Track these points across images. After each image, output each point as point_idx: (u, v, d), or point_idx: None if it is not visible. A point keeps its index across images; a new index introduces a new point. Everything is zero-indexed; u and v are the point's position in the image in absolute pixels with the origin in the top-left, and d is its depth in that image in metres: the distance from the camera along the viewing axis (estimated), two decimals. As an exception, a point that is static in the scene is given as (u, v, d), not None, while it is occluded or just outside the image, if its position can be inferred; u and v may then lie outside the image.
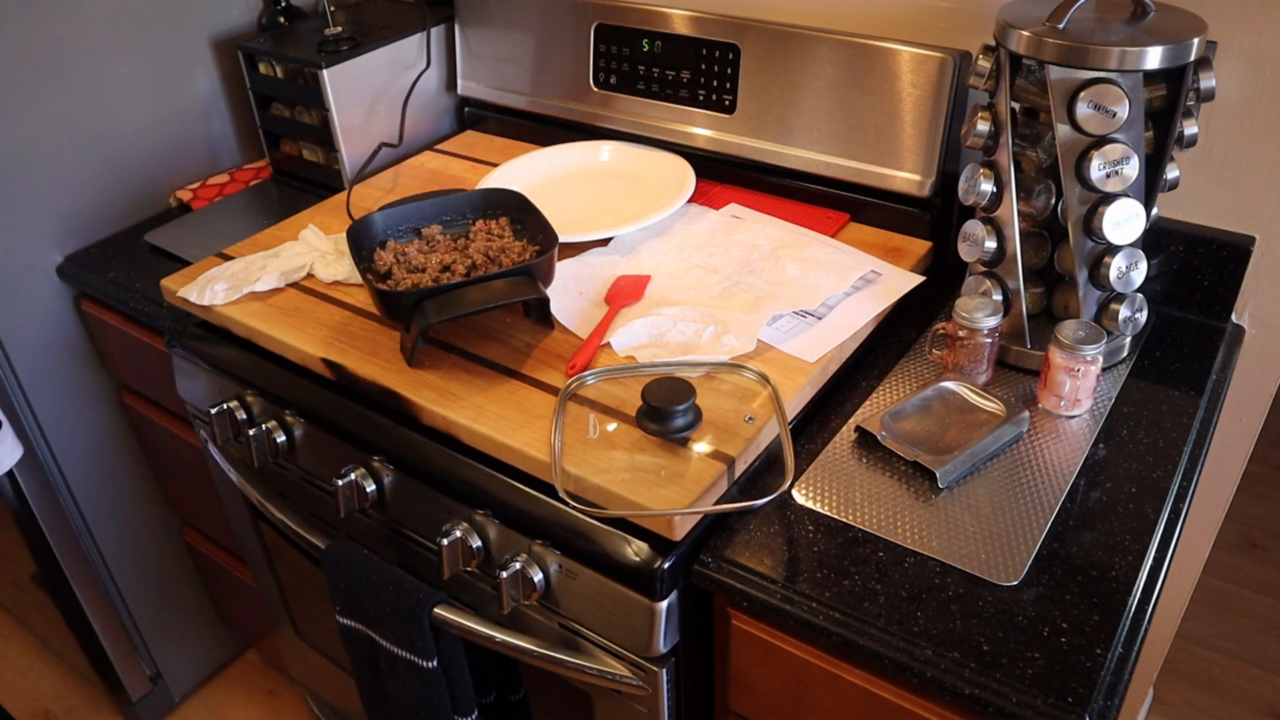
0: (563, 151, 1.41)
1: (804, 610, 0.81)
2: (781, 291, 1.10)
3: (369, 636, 1.10)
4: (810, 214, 1.26)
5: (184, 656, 1.84)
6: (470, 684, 1.08)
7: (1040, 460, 0.93)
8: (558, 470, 0.88)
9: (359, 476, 1.05)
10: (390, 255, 1.11)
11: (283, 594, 1.44)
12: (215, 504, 1.48)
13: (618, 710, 1.00)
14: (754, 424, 0.92)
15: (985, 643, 0.76)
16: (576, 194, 1.34)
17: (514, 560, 0.93)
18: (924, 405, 0.99)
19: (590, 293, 1.13)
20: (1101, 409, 0.99)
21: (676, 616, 0.89)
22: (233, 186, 1.53)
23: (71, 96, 1.36)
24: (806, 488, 0.92)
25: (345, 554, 1.08)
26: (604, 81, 1.40)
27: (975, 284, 1.05)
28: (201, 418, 1.27)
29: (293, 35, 1.48)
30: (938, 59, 1.12)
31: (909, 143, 1.17)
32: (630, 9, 1.34)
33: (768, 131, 1.27)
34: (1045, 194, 1.01)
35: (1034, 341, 1.04)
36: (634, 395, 0.94)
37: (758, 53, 1.25)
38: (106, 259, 1.40)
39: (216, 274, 1.18)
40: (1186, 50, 0.89)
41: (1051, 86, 0.92)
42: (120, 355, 1.46)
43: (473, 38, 1.51)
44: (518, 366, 1.02)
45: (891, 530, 0.87)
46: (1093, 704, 0.71)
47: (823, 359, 1.01)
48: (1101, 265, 0.98)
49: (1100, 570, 0.82)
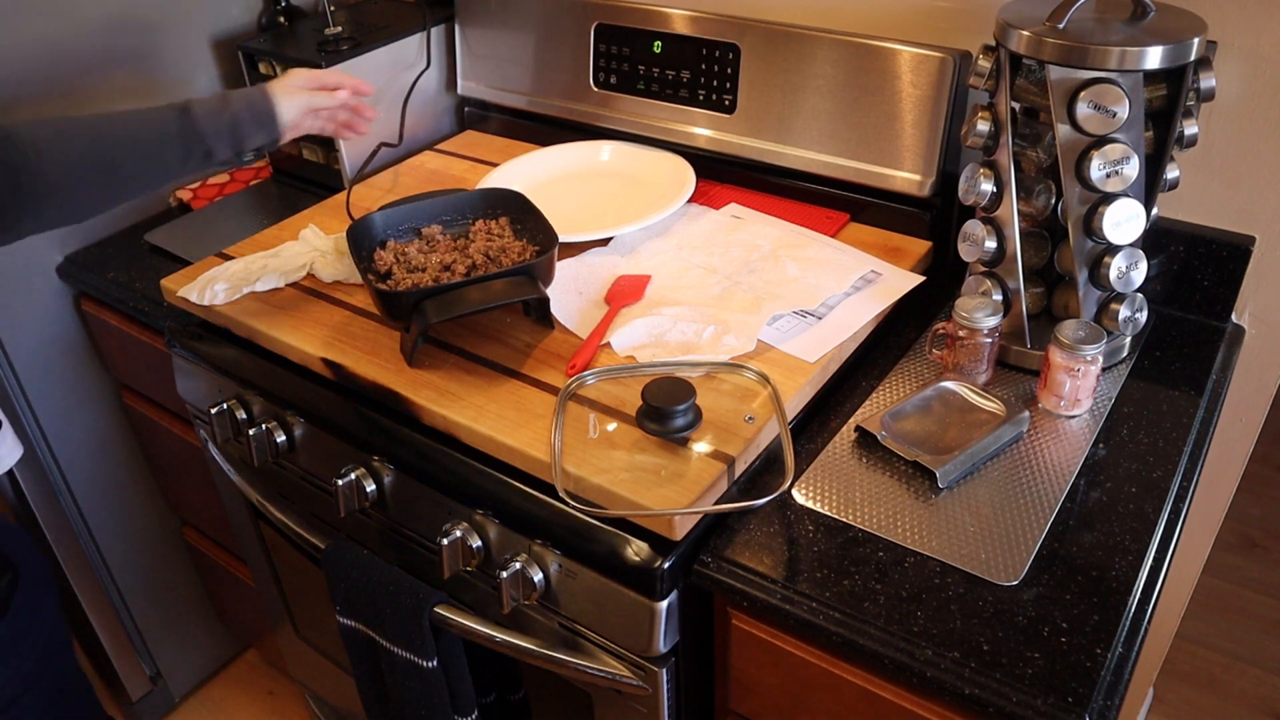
0: (563, 151, 1.41)
1: (804, 610, 0.81)
2: (781, 291, 1.10)
3: (369, 636, 1.10)
4: (810, 214, 1.26)
5: (184, 656, 1.84)
6: (470, 684, 1.08)
7: (1040, 460, 0.93)
8: (558, 470, 0.88)
9: (359, 476, 1.05)
10: (390, 255, 1.11)
11: (283, 594, 1.43)
12: (215, 504, 1.48)
13: (618, 710, 1.00)
14: (754, 424, 0.92)
15: (985, 643, 0.76)
16: (576, 194, 1.34)
17: (514, 560, 0.93)
18: (924, 405, 0.99)
19: (590, 293, 1.13)
20: (1101, 409, 0.99)
21: (676, 616, 0.89)
22: (233, 186, 1.53)
23: (70, 94, 1.36)
24: (806, 488, 0.92)
25: (345, 554, 1.08)
26: (604, 81, 1.40)
27: (975, 284, 1.05)
28: (201, 418, 1.27)
29: (293, 35, 1.48)
30: (938, 59, 1.12)
31: (909, 143, 1.17)
32: (630, 9, 1.34)
33: (768, 131, 1.27)
34: (1045, 194, 1.01)
35: (1034, 341, 1.04)
36: (634, 395, 0.94)
37: (758, 53, 1.25)
38: (106, 259, 1.40)
39: (216, 274, 1.18)
40: (1186, 50, 0.89)
41: (1051, 86, 0.92)
42: (120, 355, 1.46)
43: (473, 38, 1.51)
44: (518, 366, 1.02)
45: (891, 530, 0.87)
46: (1093, 704, 0.71)
47: (823, 359, 1.01)
48: (1101, 265, 0.98)
49: (1100, 570, 0.82)
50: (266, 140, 1.05)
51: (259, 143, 1.04)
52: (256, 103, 1.04)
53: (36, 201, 0.92)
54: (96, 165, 0.95)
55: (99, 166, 0.95)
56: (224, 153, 1.02)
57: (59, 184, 0.93)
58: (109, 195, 0.98)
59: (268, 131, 1.04)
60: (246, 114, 1.02)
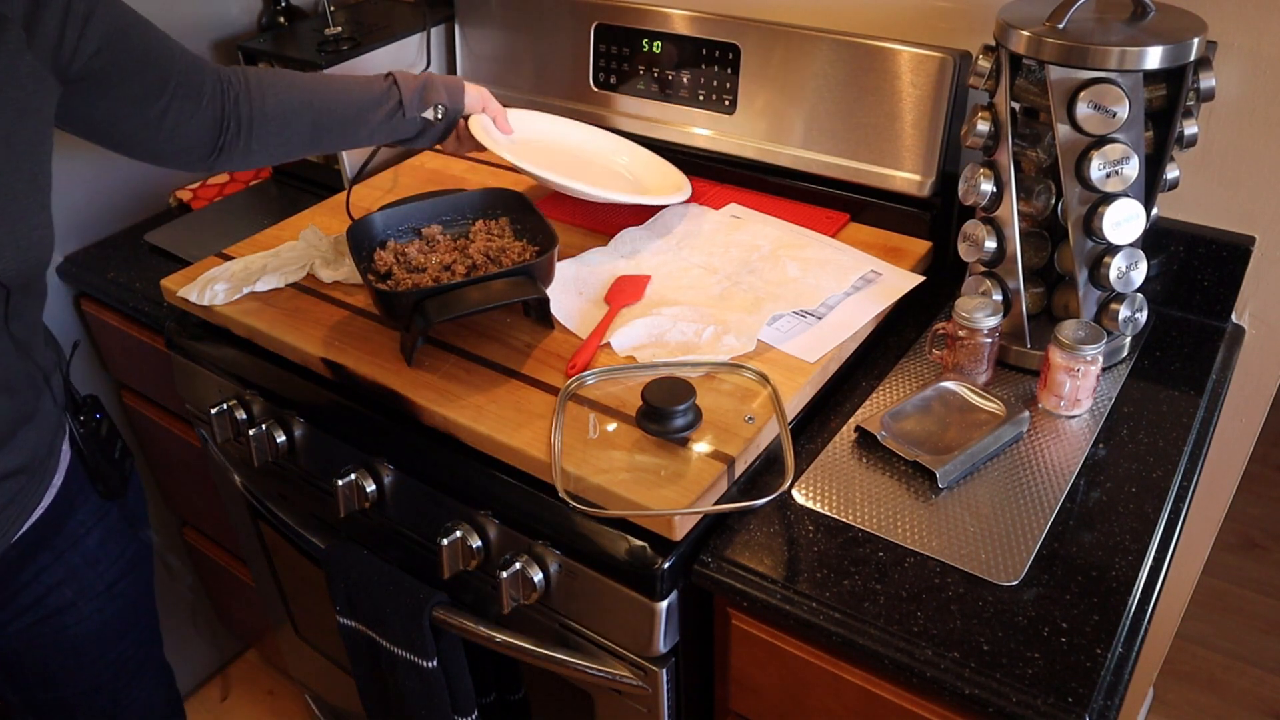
0: (585, 131, 1.39)
1: (804, 610, 0.81)
2: (781, 291, 1.10)
3: (369, 636, 1.10)
4: (810, 214, 1.26)
5: (184, 656, 1.84)
6: (470, 684, 1.08)
7: (1040, 460, 0.93)
8: (558, 470, 0.88)
9: (359, 476, 1.05)
10: (390, 255, 1.11)
11: (283, 594, 1.43)
12: (215, 504, 1.48)
13: (618, 710, 1.00)
14: (754, 424, 0.92)
15: (985, 643, 0.76)
16: (574, 163, 1.32)
17: (514, 560, 0.93)
18: (924, 405, 0.99)
19: (590, 293, 1.13)
20: (1101, 409, 0.99)
21: (676, 616, 0.89)
22: (233, 186, 1.53)
23: (71, 96, 1.35)
24: (806, 488, 0.92)
25: (345, 554, 1.08)
26: (604, 81, 1.40)
27: (975, 284, 1.05)
28: (201, 418, 1.27)
29: (293, 35, 1.48)
30: (938, 59, 1.12)
31: (909, 143, 1.17)
32: (630, 9, 1.34)
33: (768, 131, 1.27)
34: (1045, 194, 1.01)
35: (1034, 341, 1.04)
36: (634, 395, 0.94)
37: (758, 53, 1.25)
38: (106, 259, 1.40)
39: (216, 274, 1.18)
40: (1186, 50, 0.89)
41: (1051, 86, 0.92)
42: (120, 355, 1.46)
43: (473, 38, 1.51)
44: (518, 366, 1.02)
45: (891, 530, 0.87)
46: (1093, 704, 0.71)
47: (823, 359, 1.01)
48: (1101, 265, 0.98)
49: (1100, 570, 0.82)
50: (450, 104, 1.16)
51: (444, 102, 1.15)
52: (450, 80, 1.18)
53: (251, 137, 1.05)
54: (309, 111, 1.08)
55: (309, 112, 1.09)
56: (413, 105, 1.13)
57: (275, 126, 1.07)
58: (312, 140, 1.11)
59: (453, 99, 1.16)
60: (440, 80, 1.16)
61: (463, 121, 1.19)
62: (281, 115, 1.07)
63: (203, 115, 1.00)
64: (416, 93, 1.14)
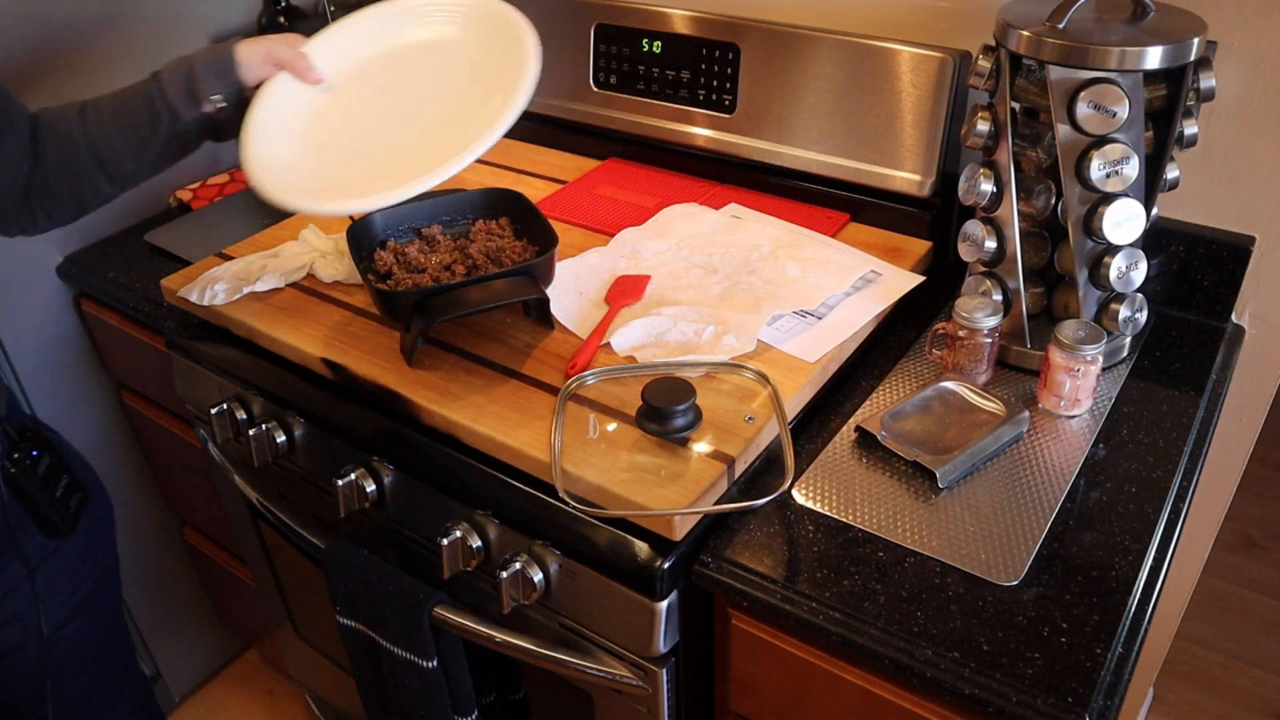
0: (394, 16, 1.14)
1: (804, 610, 0.81)
2: (781, 291, 1.10)
3: (369, 636, 1.10)
4: (810, 214, 1.26)
5: (184, 656, 1.84)
6: (470, 684, 1.08)
7: (1040, 460, 0.93)
8: (558, 470, 0.88)
9: (359, 476, 1.05)
10: (390, 255, 1.11)
11: (283, 594, 1.44)
12: (215, 504, 1.48)
13: (618, 710, 1.00)
14: (754, 424, 0.92)
15: (985, 643, 0.76)
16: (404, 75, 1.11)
17: (514, 560, 0.93)
18: (924, 405, 0.99)
19: (590, 293, 1.13)
20: (1101, 409, 0.99)
21: (676, 616, 0.89)
22: (233, 186, 1.53)
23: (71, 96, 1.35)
24: (806, 488, 0.92)
25: (345, 554, 1.08)
26: (604, 81, 1.40)
27: (975, 284, 1.05)
28: (201, 418, 1.27)
29: (293, 35, 1.48)
30: (938, 59, 1.12)
31: (909, 143, 1.17)
32: (630, 9, 1.34)
33: (768, 131, 1.27)
34: (1045, 194, 1.01)
35: (1034, 341, 1.04)
36: (634, 395, 0.94)
37: (758, 53, 1.25)
38: (106, 259, 1.40)
39: (216, 274, 1.18)
40: (1186, 50, 0.89)
41: (1051, 86, 0.92)
42: (120, 355, 1.46)
43: (473, 38, 1.51)
44: (518, 366, 1.02)
45: (891, 530, 0.87)
46: (1093, 704, 0.71)
47: (823, 359, 1.01)
48: (1101, 265, 0.98)
49: (1100, 570, 0.82)
50: (225, 86, 1.01)
51: (217, 90, 1.00)
52: (217, 53, 1.01)
53: (47, 201, 0.98)
54: (90, 151, 0.98)
55: (92, 152, 0.98)
56: (187, 107, 0.99)
57: (59, 185, 0.97)
58: (106, 179, 1.00)
59: (226, 78, 1.00)
60: (204, 62, 1.00)
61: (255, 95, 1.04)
62: (62, 168, 0.96)
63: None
64: (182, 89, 0.98)
